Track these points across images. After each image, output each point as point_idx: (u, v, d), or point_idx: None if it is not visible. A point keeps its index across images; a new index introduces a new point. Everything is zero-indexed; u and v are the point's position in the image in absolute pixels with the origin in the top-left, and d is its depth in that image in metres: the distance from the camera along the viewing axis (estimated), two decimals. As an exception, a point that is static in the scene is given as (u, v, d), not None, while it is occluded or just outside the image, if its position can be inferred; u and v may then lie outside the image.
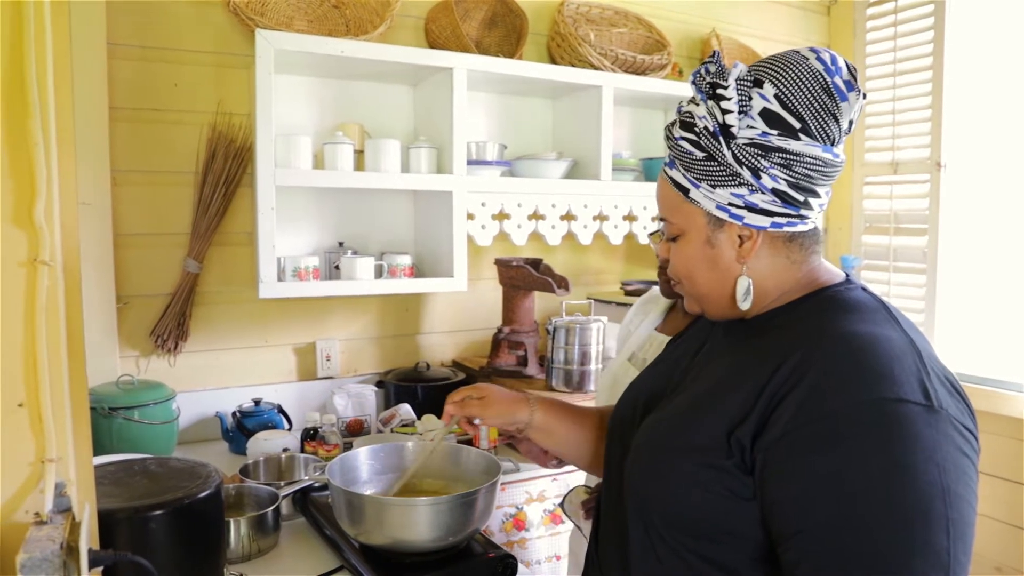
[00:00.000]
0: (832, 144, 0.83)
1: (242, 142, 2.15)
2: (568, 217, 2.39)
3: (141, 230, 2.08)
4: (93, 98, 1.95)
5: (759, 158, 0.82)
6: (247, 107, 2.15)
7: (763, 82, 0.82)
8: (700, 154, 0.85)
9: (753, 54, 2.92)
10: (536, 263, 2.34)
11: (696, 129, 0.85)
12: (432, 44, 2.38)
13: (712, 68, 0.84)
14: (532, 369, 2.30)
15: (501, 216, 2.29)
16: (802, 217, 0.85)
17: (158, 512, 1.07)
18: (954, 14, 2.70)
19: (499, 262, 2.36)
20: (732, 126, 0.82)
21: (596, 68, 2.41)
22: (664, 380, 0.99)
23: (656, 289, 1.71)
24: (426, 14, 2.39)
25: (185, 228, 2.12)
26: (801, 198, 0.83)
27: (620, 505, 0.94)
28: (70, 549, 0.64)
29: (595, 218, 2.41)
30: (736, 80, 0.83)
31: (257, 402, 2.14)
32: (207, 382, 2.21)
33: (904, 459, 0.70)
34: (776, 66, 0.83)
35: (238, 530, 1.41)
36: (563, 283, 2.22)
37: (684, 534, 0.83)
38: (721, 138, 0.83)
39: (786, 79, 0.82)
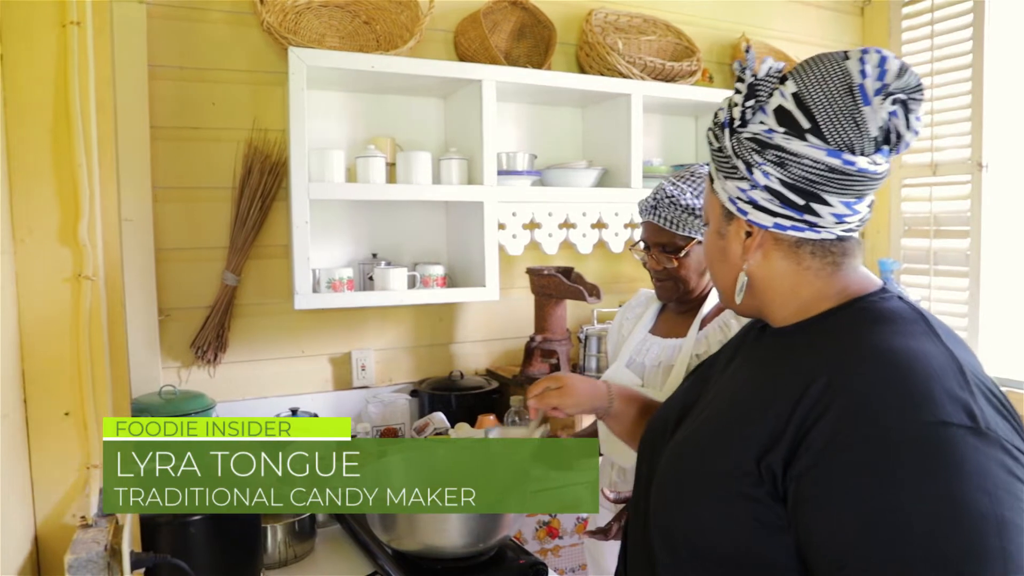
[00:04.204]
0: (851, 151, 0.77)
1: (277, 157, 2.20)
2: (599, 225, 2.39)
3: (181, 244, 2.14)
4: (135, 118, 2.01)
5: (753, 152, 0.81)
6: (281, 123, 2.20)
7: (787, 79, 0.80)
8: (716, 144, 0.86)
9: (784, 58, 2.88)
10: (567, 272, 2.34)
11: (716, 119, 0.87)
12: (461, 57, 2.41)
13: (744, 64, 0.85)
14: (564, 377, 2.30)
15: (532, 225, 2.31)
16: (809, 224, 0.80)
17: (197, 517, 1.11)
18: (994, 11, 2.64)
19: (531, 271, 2.37)
20: (736, 119, 0.83)
21: (625, 76, 2.41)
22: (693, 398, 0.95)
23: (643, 292, 1.71)
24: (455, 27, 2.42)
25: (223, 242, 2.18)
26: (800, 201, 0.79)
27: (647, 531, 0.90)
28: (114, 551, 0.67)
29: (626, 226, 2.41)
30: (763, 75, 0.82)
31: (294, 411, 2.17)
32: (246, 392, 2.26)
33: (951, 490, 0.64)
34: (807, 64, 0.81)
35: (275, 536, 1.45)
36: (594, 291, 2.23)
37: (716, 566, 0.79)
38: (726, 129, 0.84)
39: (809, 77, 0.78)
